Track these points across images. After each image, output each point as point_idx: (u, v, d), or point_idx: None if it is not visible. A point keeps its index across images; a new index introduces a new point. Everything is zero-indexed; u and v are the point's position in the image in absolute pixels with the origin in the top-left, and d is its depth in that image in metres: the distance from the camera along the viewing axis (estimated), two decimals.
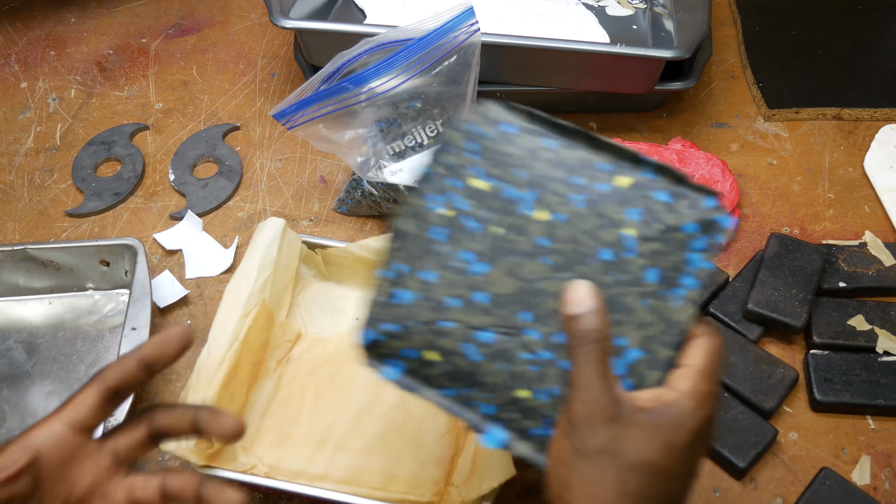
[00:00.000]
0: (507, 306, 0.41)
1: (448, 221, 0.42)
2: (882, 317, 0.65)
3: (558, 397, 0.40)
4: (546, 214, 0.41)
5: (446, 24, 0.66)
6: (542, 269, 0.41)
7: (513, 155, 0.42)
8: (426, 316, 0.42)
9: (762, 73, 0.87)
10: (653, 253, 0.40)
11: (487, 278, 0.41)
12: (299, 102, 0.66)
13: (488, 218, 0.42)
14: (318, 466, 0.57)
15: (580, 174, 0.42)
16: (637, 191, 0.41)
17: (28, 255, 0.68)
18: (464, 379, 0.42)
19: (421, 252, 0.42)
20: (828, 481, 0.57)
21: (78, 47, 0.94)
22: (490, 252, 0.41)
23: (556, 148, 0.42)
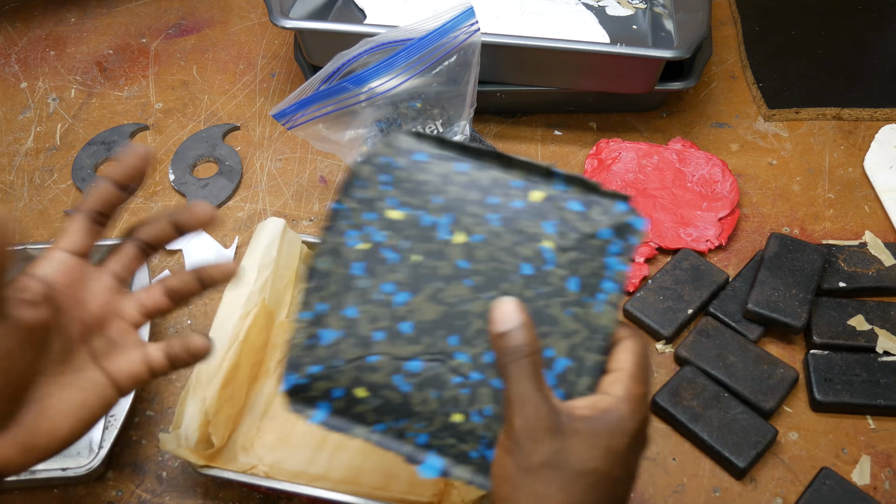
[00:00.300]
0: (433, 332, 0.41)
1: (365, 255, 0.42)
2: (882, 317, 0.65)
3: (492, 417, 0.41)
4: (463, 237, 0.42)
5: (446, 24, 0.66)
6: (465, 290, 0.41)
7: (426, 182, 0.43)
8: (350, 353, 0.42)
9: (762, 73, 0.87)
10: (571, 262, 0.41)
11: (410, 307, 0.41)
12: (299, 102, 0.66)
13: (406, 247, 0.42)
14: (318, 466, 0.57)
15: (494, 193, 0.42)
16: (551, 203, 0.42)
17: (28, 255, 0.67)
18: (395, 411, 0.42)
19: (341, 289, 0.42)
20: (828, 481, 0.57)
21: (78, 47, 0.94)
22: (410, 280, 0.42)
23: (468, 171, 0.43)
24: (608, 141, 0.79)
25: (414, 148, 0.44)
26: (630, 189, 0.75)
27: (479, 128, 0.83)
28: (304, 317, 0.42)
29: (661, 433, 0.61)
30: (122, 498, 0.59)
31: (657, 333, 0.66)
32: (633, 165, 0.76)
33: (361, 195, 0.43)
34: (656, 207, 0.73)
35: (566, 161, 0.80)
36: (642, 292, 0.67)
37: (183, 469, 0.60)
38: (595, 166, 0.77)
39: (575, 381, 0.40)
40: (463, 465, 0.41)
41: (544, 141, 0.82)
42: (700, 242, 0.71)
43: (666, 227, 0.72)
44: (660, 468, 0.60)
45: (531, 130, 0.83)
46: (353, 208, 0.43)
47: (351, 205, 0.43)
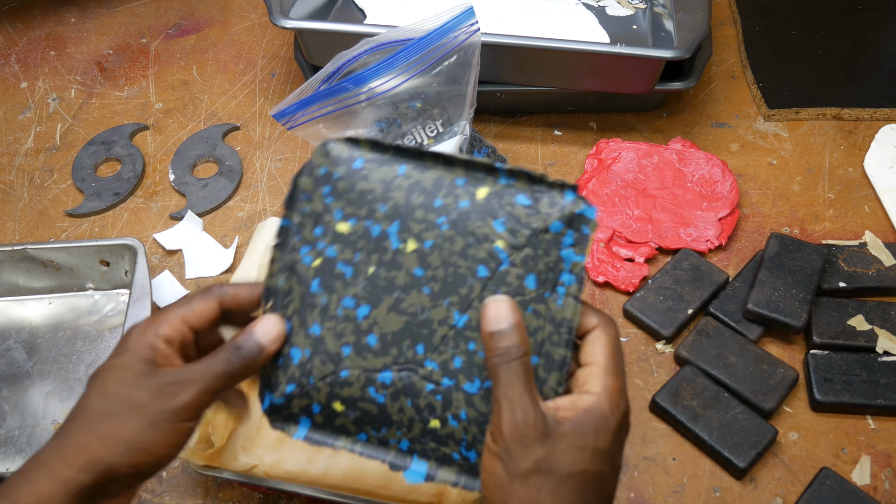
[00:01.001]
0: (399, 343, 0.41)
1: (319, 271, 0.42)
2: (882, 317, 0.65)
3: (467, 420, 0.41)
4: (415, 243, 0.41)
5: (446, 24, 0.66)
6: (424, 299, 0.41)
7: (368, 191, 0.42)
8: (321, 371, 0.41)
9: (762, 73, 0.87)
10: (525, 260, 0.40)
11: (372, 320, 0.41)
12: (299, 102, 0.66)
13: (359, 259, 0.41)
14: (318, 466, 0.57)
15: (439, 195, 0.41)
16: (497, 199, 0.41)
17: (28, 255, 0.67)
18: (373, 421, 0.42)
19: (303, 307, 0.42)
20: (828, 481, 0.57)
21: (78, 47, 0.94)
22: (369, 293, 0.41)
23: (409, 172, 0.42)
24: (608, 141, 0.79)
25: (350, 155, 0.42)
26: (630, 189, 0.75)
27: (479, 128, 0.83)
28: None
29: (661, 433, 0.61)
30: None
31: (657, 333, 0.66)
32: (633, 165, 0.76)
33: (307, 209, 0.42)
34: (656, 207, 0.73)
35: (566, 161, 0.80)
36: (642, 292, 0.67)
37: (183, 469, 0.60)
38: (595, 166, 0.77)
39: (545, 377, 0.40)
40: (447, 466, 0.42)
41: (544, 141, 0.82)
42: (700, 242, 0.71)
43: (666, 227, 0.72)
44: (660, 468, 0.60)
45: (531, 130, 0.83)
46: (300, 223, 0.42)
47: (298, 220, 0.42)
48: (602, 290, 0.70)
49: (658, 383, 0.64)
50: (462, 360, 0.41)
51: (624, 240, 0.72)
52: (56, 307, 0.69)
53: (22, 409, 0.63)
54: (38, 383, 0.65)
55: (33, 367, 0.66)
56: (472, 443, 0.41)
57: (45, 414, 0.63)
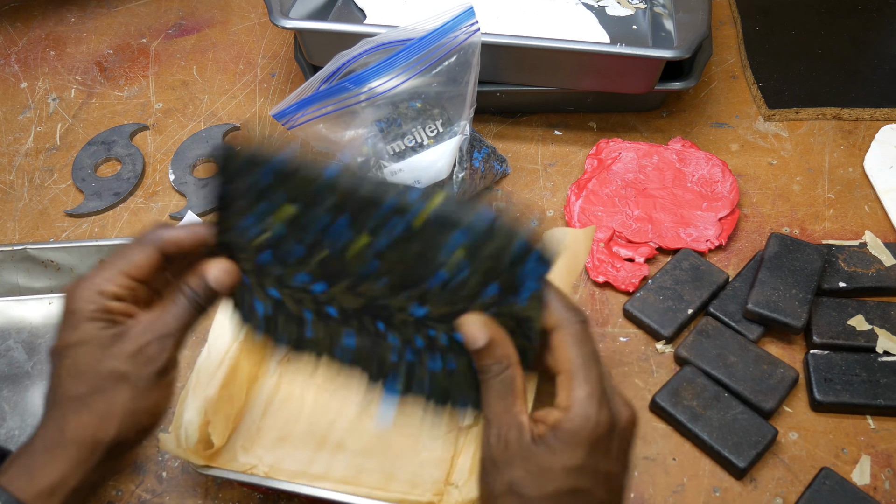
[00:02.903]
0: (360, 318, 0.43)
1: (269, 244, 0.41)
2: (882, 317, 0.65)
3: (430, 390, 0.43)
4: (366, 238, 0.39)
5: (446, 24, 0.66)
6: (382, 289, 0.41)
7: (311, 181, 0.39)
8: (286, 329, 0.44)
9: (762, 73, 0.87)
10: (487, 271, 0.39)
11: (330, 295, 0.42)
12: (299, 102, 0.66)
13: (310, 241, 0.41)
14: (318, 466, 0.57)
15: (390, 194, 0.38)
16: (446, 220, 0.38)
17: (28, 255, 0.68)
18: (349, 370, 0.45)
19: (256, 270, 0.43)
20: (828, 481, 0.57)
21: (78, 47, 0.94)
22: (323, 273, 0.41)
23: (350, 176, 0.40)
24: (608, 141, 0.79)
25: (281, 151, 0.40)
26: (630, 189, 0.75)
27: (479, 128, 0.83)
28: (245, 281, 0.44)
29: (661, 433, 0.61)
30: (122, 498, 0.59)
31: (657, 333, 0.66)
32: (633, 165, 0.76)
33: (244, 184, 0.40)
34: (656, 207, 0.73)
35: (566, 161, 0.80)
36: (642, 292, 0.67)
37: (183, 469, 0.60)
38: (595, 166, 0.77)
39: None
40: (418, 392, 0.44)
41: (544, 141, 0.82)
42: (700, 242, 0.71)
43: (666, 227, 0.72)
44: (660, 468, 0.60)
45: (531, 130, 0.83)
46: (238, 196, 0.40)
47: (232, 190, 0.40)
48: (602, 290, 0.70)
49: (658, 383, 0.64)
50: (424, 342, 0.42)
51: (624, 240, 0.72)
52: (56, 307, 0.69)
53: (22, 409, 0.63)
54: (38, 383, 0.65)
55: (33, 367, 0.66)
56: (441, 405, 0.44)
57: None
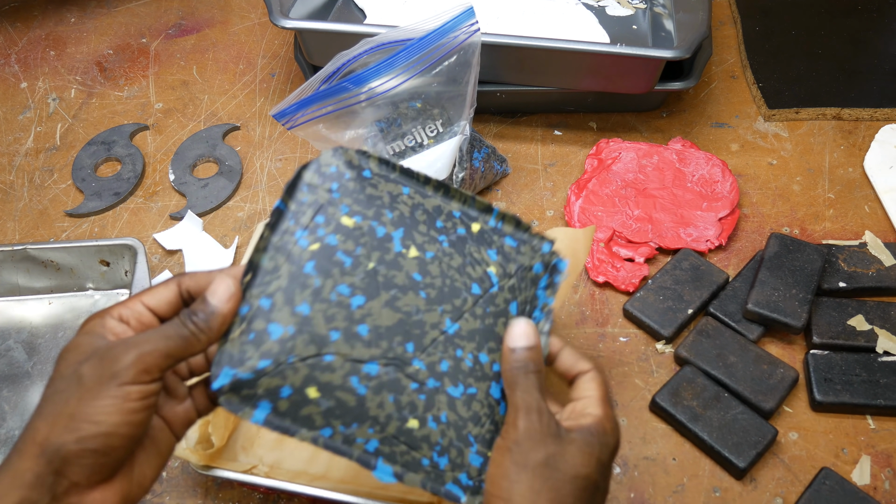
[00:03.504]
0: (390, 338, 0.42)
1: (315, 255, 0.42)
2: (882, 317, 0.65)
3: (447, 423, 0.42)
4: (416, 251, 0.44)
5: (446, 24, 0.66)
6: (420, 301, 0.43)
7: (376, 196, 0.44)
8: (304, 350, 0.40)
9: (762, 73, 0.87)
10: (511, 288, 0.45)
11: (366, 310, 0.42)
12: (299, 102, 0.66)
13: (359, 253, 0.43)
14: (318, 466, 0.57)
15: (439, 218, 0.45)
16: (489, 235, 0.46)
17: (28, 255, 0.68)
18: (346, 415, 0.41)
19: (290, 285, 0.41)
20: (828, 481, 0.57)
21: (78, 47, 0.94)
22: (365, 286, 0.42)
23: (412, 194, 0.45)
24: (608, 141, 0.79)
25: (360, 164, 0.45)
26: (630, 189, 0.75)
27: (479, 128, 0.83)
28: (241, 312, 0.40)
29: (661, 433, 0.61)
30: None
31: (657, 333, 0.66)
32: (633, 165, 0.76)
33: (306, 199, 0.43)
34: (656, 207, 0.73)
35: (566, 161, 0.80)
36: (642, 292, 0.67)
37: (183, 469, 0.60)
38: (595, 166, 0.77)
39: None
40: (412, 472, 0.41)
41: (544, 141, 0.82)
42: (700, 242, 0.71)
43: (666, 227, 0.72)
44: (660, 468, 0.60)
45: (531, 130, 0.83)
46: (297, 211, 0.42)
47: (294, 207, 0.42)
48: (602, 290, 0.70)
49: (658, 383, 0.64)
50: (449, 364, 0.43)
51: (624, 240, 0.72)
52: (56, 307, 0.69)
53: (22, 409, 0.63)
54: (38, 383, 0.65)
55: (33, 367, 0.66)
56: (447, 448, 0.42)
57: None
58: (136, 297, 0.40)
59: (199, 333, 0.39)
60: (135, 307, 0.40)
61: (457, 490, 0.42)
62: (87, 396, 0.36)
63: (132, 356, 0.37)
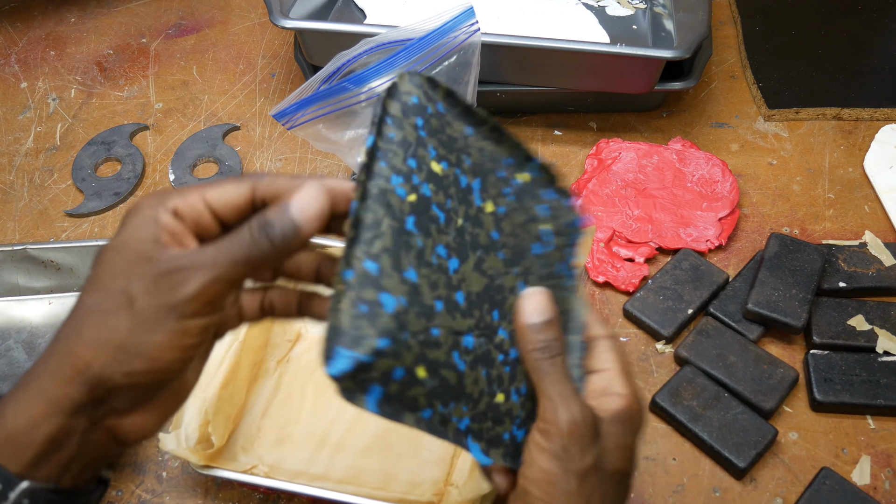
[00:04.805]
0: (480, 305, 0.37)
1: (414, 209, 0.35)
2: (882, 317, 0.65)
3: (525, 395, 0.39)
4: (492, 205, 0.39)
5: (446, 24, 0.66)
6: (499, 263, 0.38)
7: (455, 138, 0.38)
8: (415, 325, 0.34)
9: (762, 73, 0.87)
10: (559, 246, 0.41)
11: (461, 275, 0.36)
12: (299, 102, 0.66)
13: (450, 207, 0.37)
14: (318, 466, 0.57)
15: (499, 167, 0.40)
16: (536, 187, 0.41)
17: (28, 255, 0.68)
18: (446, 394, 0.36)
19: (396, 246, 0.34)
20: (828, 481, 0.57)
21: (78, 47, 0.94)
22: (458, 246, 0.37)
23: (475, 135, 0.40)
24: (608, 141, 0.79)
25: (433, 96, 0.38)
26: (630, 189, 0.75)
27: None
28: (348, 277, 0.33)
29: (661, 433, 0.61)
30: (122, 498, 0.59)
31: (657, 333, 0.66)
32: (633, 165, 0.76)
33: (394, 135, 0.36)
34: (656, 207, 0.73)
35: (566, 161, 0.80)
36: (642, 292, 0.67)
37: (183, 469, 0.60)
38: (595, 166, 0.77)
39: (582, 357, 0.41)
40: (495, 448, 0.38)
41: (544, 141, 0.82)
42: (700, 242, 0.71)
43: (666, 227, 0.72)
44: (660, 468, 0.60)
45: (531, 130, 0.83)
46: (388, 150, 0.35)
47: (384, 144, 0.35)
48: (602, 290, 0.70)
49: (658, 383, 0.64)
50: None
51: (624, 240, 0.72)
52: (56, 307, 0.69)
53: None
54: None
55: None
56: (525, 420, 0.39)
57: None
58: (198, 190, 0.34)
59: (273, 253, 0.32)
60: (196, 203, 0.33)
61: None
62: (139, 328, 0.31)
63: (196, 285, 0.31)
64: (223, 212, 0.34)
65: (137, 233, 0.32)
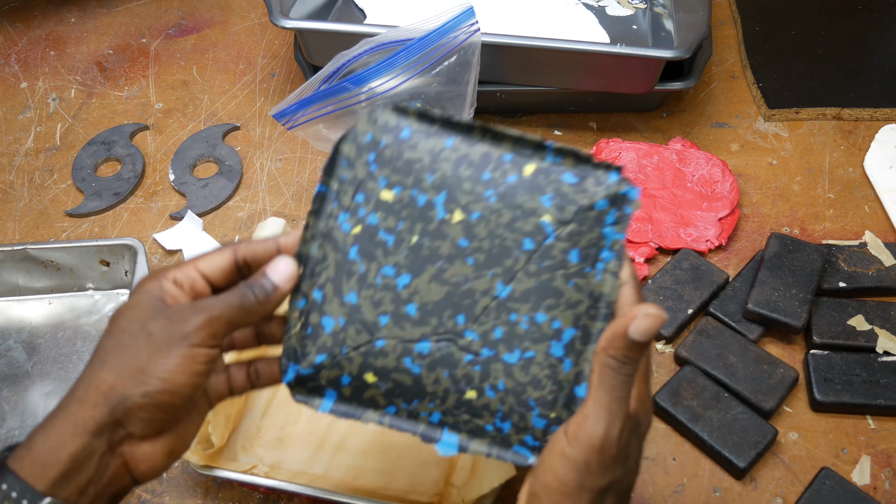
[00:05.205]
0: (440, 313, 0.41)
1: (358, 239, 0.41)
2: (882, 317, 0.65)
3: (505, 390, 0.40)
4: (461, 214, 0.41)
5: (446, 24, 0.66)
6: (468, 269, 0.41)
7: (415, 160, 0.41)
8: (356, 340, 0.41)
9: (762, 73, 0.87)
10: (570, 234, 0.40)
11: (412, 289, 0.41)
12: (299, 102, 0.66)
13: (401, 228, 0.41)
14: (318, 466, 0.57)
15: (487, 168, 0.41)
16: (544, 176, 0.41)
17: (28, 255, 0.68)
18: (406, 393, 0.41)
19: (338, 275, 0.41)
20: (828, 481, 0.57)
21: (78, 47, 0.94)
22: (409, 263, 0.41)
23: (456, 146, 0.41)
24: (608, 141, 0.79)
25: (397, 124, 0.42)
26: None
27: None
28: (298, 306, 0.41)
29: (661, 433, 0.61)
30: None
31: (657, 333, 0.66)
32: (633, 165, 0.76)
33: (347, 176, 0.42)
34: (656, 207, 0.73)
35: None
36: (642, 292, 0.67)
37: (183, 469, 0.60)
38: None
39: (582, 349, 0.40)
40: (479, 438, 0.41)
41: None
42: (700, 242, 0.71)
43: (666, 227, 0.72)
44: (660, 468, 0.60)
45: (531, 130, 0.83)
46: (339, 190, 0.42)
47: (336, 187, 0.42)
48: None
49: (658, 383, 0.64)
50: (503, 330, 0.40)
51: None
52: (56, 307, 0.69)
53: (22, 409, 0.63)
54: (38, 383, 0.65)
55: (33, 367, 0.66)
56: (508, 413, 0.40)
57: (45, 414, 0.63)
58: (191, 263, 0.41)
59: (258, 306, 0.40)
60: (189, 272, 0.41)
61: (524, 451, 0.40)
62: (156, 353, 0.38)
63: (201, 319, 0.38)
64: (213, 276, 0.41)
65: (147, 296, 0.40)
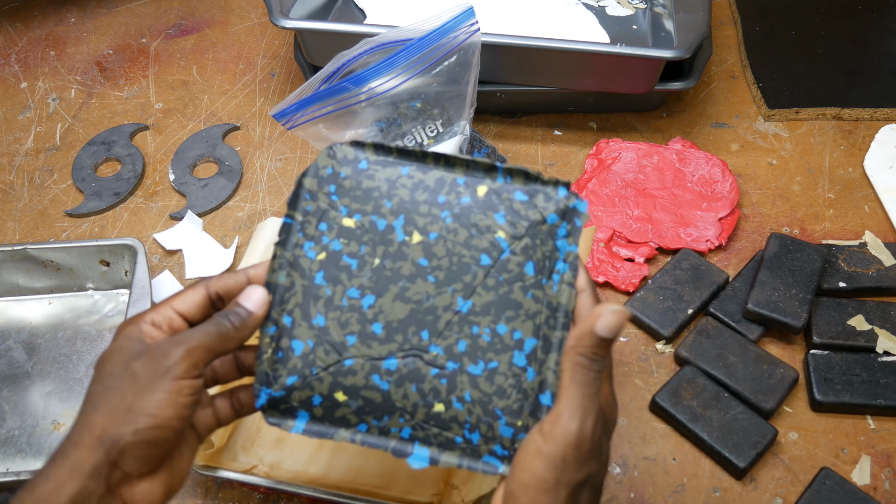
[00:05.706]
0: (404, 330, 0.43)
1: (323, 265, 0.44)
2: (882, 317, 0.65)
3: (472, 401, 0.42)
4: (419, 236, 0.44)
5: (446, 24, 0.66)
6: (429, 287, 0.43)
7: (373, 188, 0.44)
8: (325, 360, 0.43)
9: (762, 73, 0.87)
10: (524, 248, 0.43)
11: (377, 309, 0.43)
12: (299, 102, 0.66)
13: (363, 252, 0.44)
14: (318, 466, 0.57)
15: (441, 192, 0.44)
16: (496, 195, 0.44)
17: (28, 255, 0.68)
18: (376, 410, 0.43)
19: (305, 300, 0.43)
20: (828, 481, 0.57)
21: (78, 47, 0.94)
22: (373, 284, 0.43)
23: (412, 173, 0.45)
24: (608, 141, 0.79)
25: (356, 157, 0.45)
26: (630, 189, 0.75)
27: (478, 128, 0.83)
28: (269, 332, 0.43)
29: (661, 433, 0.61)
30: None
31: (657, 333, 0.66)
32: (633, 165, 0.76)
33: (310, 208, 0.44)
34: (656, 207, 0.73)
35: (566, 161, 0.80)
36: (642, 292, 0.67)
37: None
38: (595, 166, 0.77)
39: (544, 358, 0.42)
40: (449, 451, 0.43)
41: (544, 141, 0.82)
42: (700, 242, 0.71)
43: (666, 227, 0.72)
44: (660, 468, 0.60)
45: (531, 130, 0.83)
46: (304, 221, 0.44)
47: (301, 218, 0.44)
48: (602, 290, 0.70)
49: (658, 383, 0.64)
50: (466, 343, 0.43)
51: (624, 240, 0.72)
52: (56, 307, 0.69)
53: (22, 409, 0.63)
54: (38, 383, 0.65)
55: (33, 367, 0.66)
56: (476, 424, 0.42)
57: (45, 414, 0.63)
58: (166, 303, 0.43)
59: (235, 332, 0.42)
60: (165, 312, 0.42)
61: (494, 461, 0.42)
62: (142, 391, 0.39)
63: (182, 351, 0.39)
64: (188, 313, 0.43)
65: (127, 340, 0.41)
